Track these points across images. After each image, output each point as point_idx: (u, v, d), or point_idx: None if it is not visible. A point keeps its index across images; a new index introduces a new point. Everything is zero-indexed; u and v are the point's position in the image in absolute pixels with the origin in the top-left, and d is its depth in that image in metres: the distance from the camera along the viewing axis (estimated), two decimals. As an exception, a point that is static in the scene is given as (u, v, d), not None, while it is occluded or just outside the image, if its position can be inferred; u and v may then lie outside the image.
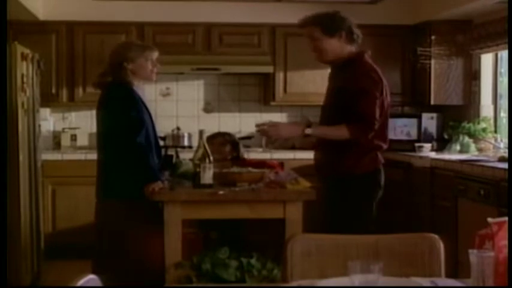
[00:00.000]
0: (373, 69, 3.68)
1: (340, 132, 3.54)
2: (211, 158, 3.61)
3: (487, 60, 5.98)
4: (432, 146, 5.90)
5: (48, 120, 6.37)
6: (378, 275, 1.78)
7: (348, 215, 3.60)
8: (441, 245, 2.26)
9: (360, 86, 3.57)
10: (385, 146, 3.72)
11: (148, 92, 5.65)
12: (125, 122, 3.65)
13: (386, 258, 2.11)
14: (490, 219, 1.86)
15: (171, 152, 5.40)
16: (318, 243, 2.27)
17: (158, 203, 3.62)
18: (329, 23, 3.69)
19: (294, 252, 2.23)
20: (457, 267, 4.40)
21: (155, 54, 3.88)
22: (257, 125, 3.77)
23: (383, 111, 3.63)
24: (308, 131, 3.60)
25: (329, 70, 3.91)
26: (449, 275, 2.23)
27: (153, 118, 3.91)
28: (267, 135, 3.81)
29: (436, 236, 2.29)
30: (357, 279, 1.78)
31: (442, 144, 6.03)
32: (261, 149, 6.25)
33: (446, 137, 6.02)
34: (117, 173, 3.70)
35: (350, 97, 3.56)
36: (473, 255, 1.83)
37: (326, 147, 3.70)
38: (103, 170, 3.78)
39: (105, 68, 3.85)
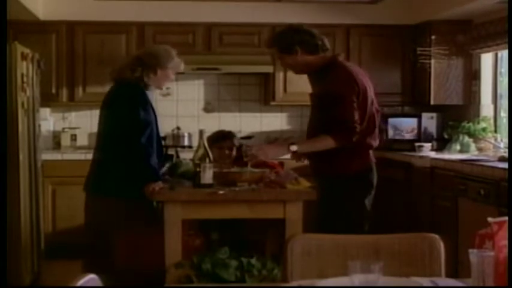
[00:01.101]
0: (348, 73, 3.68)
1: (326, 142, 3.60)
2: (212, 157, 3.61)
3: (487, 60, 5.97)
4: (432, 146, 5.90)
5: (48, 120, 6.37)
6: (378, 275, 1.78)
7: (340, 215, 3.64)
8: (441, 245, 2.26)
9: (335, 92, 3.62)
10: (375, 144, 3.78)
11: (149, 92, 5.64)
12: (132, 122, 3.64)
13: (387, 258, 2.11)
14: (490, 219, 1.86)
15: (171, 151, 5.41)
16: (317, 243, 2.27)
17: (154, 203, 3.63)
18: (282, 43, 3.77)
19: (294, 252, 2.23)
20: (457, 267, 4.40)
21: (182, 67, 3.90)
22: (246, 156, 3.79)
23: (365, 112, 3.66)
24: (293, 148, 3.67)
25: None
26: (450, 274, 2.23)
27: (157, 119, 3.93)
28: (256, 159, 3.79)
29: (436, 236, 2.29)
30: (357, 279, 1.78)
31: (442, 144, 6.02)
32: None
33: (446, 136, 6.01)
34: (117, 172, 3.69)
35: (329, 103, 3.62)
36: (473, 254, 1.83)
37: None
38: (102, 167, 3.77)
39: (128, 62, 3.80)
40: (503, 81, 5.89)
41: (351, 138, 3.58)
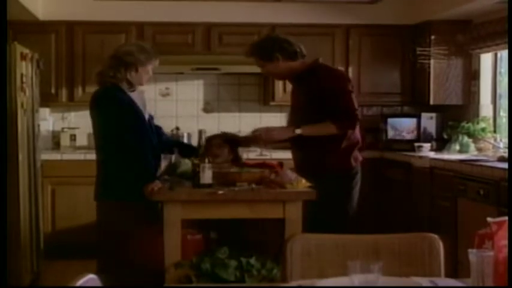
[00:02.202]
0: (338, 70, 4.03)
1: (328, 128, 3.75)
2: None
3: (486, 60, 5.98)
4: (431, 146, 5.90)
5: (48, 120, 6.37)
6: (377, 275, 1.78)
7: (332, 212, 3.74)
8: (441, 245, 2.26)
9: (333, 86, 3.79)
10: (360, 140, 3.92)
11: (148, 92, 5.64)
12: (114, 124, 3.64)
13: (386, 258, 2.11)
14: (489, 219, 1.86)
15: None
16: (317, 243, 2.27)
17: (153, 204, 3.62)
18: (262, 51, 3.91)
19: (294, 252, 2.23)
20: (456, 267, 4.40)
21: (157, 62, 3.90)
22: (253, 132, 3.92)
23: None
24: (298, 131, 3.80)
25: None
26: (449, 274, 2.23)
27: (153, 120, 3.91)
28: (262, 140, 3.94)
29: (436, 236, 2.29)
30: (356, 279, 1.78)
31: (441, 144, 6.03)
32: (260, 150, 6.24)
33: (445, 136, 6.01)
34: (112, 174, 3.68)
35: (327, 99, 3.76)
36: (472, 254, 1.83)
37: (309, 146, 3.82)
38: (100, 170, 3.77)
39: (109, 65, 3.79)
40: (503, 81, 5.89)
41: (354, 124, 3.78)
